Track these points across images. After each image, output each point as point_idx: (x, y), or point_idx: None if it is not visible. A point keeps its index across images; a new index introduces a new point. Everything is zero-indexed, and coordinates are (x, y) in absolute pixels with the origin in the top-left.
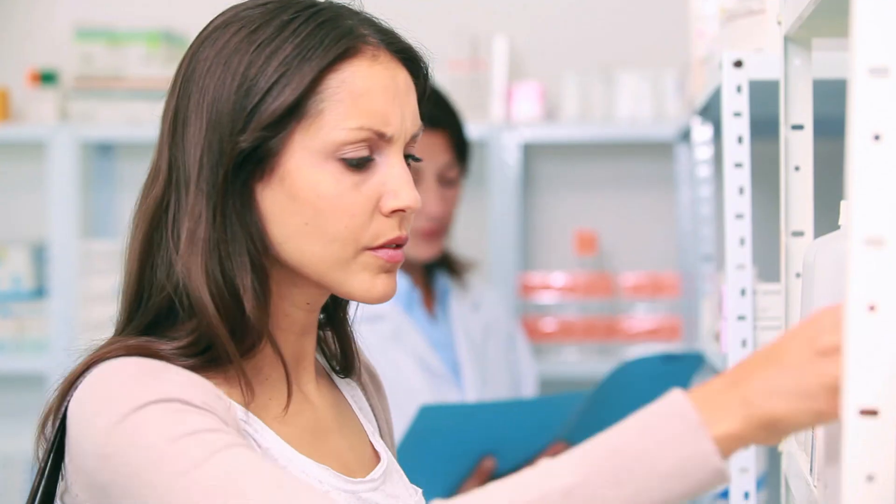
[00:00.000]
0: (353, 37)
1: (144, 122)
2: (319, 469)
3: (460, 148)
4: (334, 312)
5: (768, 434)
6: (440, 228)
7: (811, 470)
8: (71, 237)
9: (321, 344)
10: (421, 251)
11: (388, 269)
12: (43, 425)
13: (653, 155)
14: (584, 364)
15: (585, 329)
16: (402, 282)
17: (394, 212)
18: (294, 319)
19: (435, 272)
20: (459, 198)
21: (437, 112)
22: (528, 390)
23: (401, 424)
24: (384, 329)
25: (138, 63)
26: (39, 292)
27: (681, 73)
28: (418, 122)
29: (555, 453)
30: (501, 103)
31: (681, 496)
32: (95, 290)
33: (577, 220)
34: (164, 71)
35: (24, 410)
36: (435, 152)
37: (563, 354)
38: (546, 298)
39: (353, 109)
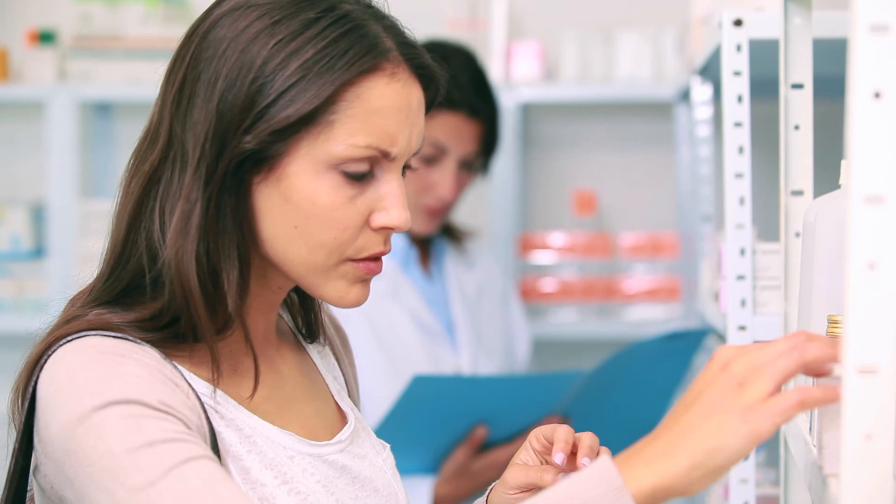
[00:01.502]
0: (377, 52)
1: (143, 82)
2: (283, 435)
3: (489, 144)
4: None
5: (702, 475)
6: (445, 210)
7: (810, 430)
8: (70, 197)
9: (289, 306)
10: (422, 226)
11: (364, 280)
12: (17, 395)
13: (652, 115)
14: (583, 324)
15: (584, 289)
16: (400, 240)
17: (382, 228)
18: (264, 300)
19: None
20: (470, 185)
21: (480, 104)
22: (521, 352)
23: (394, 382)
24: (380, 286)
25: (136, 23)
26: (38, 252)
27: (680, 33)
28: (421, 142)
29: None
30: (500, 63)
31: None
32: (94, 250)
33: (577, 180)
34: (162, 31)
35: None
36: (465, 139)
37: (562, 315)
38: (545, 259)
39: (364, 127)
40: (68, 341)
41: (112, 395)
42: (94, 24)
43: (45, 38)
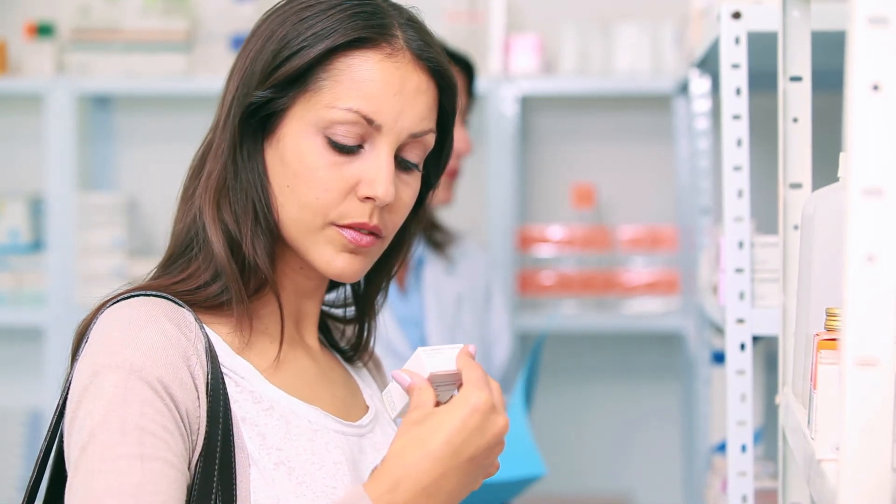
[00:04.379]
0: (375, 30)
1: (142, 75)
2: (309, 409)
3: (471, 98)
4: (363, 308)
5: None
6: (458, 169)
7: (808, 422)
8: (68, 190)
9: (330, 328)
10: (440, 195)
11: (353, 251)
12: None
13: (651, 108)
14: (582, 318)
15: (583, 282)
16: None
17: (367, 198)
18: (293, 281)
19: None
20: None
21: (457, 59)
22: (500, 357)
23: None
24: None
25: (135, 15)
26: (37, 245)
27: (679, 25)
28: (421, 126)
29: None
30: (499, 56)
31: None
32: (93, 243)
33: (575, 173)
34: (160, 23)
35: (21, 363)
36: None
37: (561, 308)
38: (544, 252)
39: (349, 92)
40: (116, 302)
41: (120, 359)
42: (92, 17)
43: (43, 30)
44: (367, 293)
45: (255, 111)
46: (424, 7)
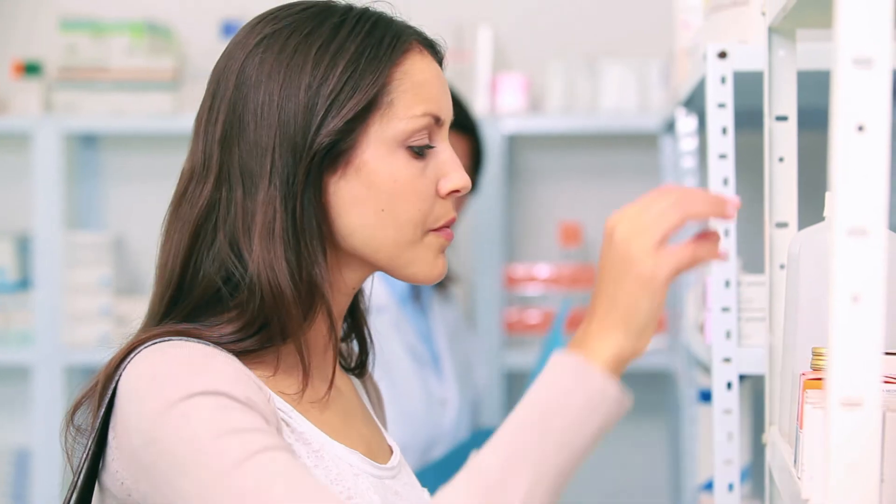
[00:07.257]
0: (406, 35)
1: (128, 113)
2: (350, 454)
3: (477, 159)
4: (356, 316)
5: (640, 338)
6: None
7: (795, 462)
8: (55, 228)
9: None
10: None
11: (444, 248)
12: (72, 415)
13: (637, 146)
14: None
15: (570, 321)
16: None
17: (450, 193)
18: (337, 304)
19: None
20: (466, 207)
21: (464, 118)
22: (482, 376)
23: (392, 411)
24: (386, 320)
25: (122, 54)
26: (24, 284)
27: (665, 64)
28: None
29: None
30: (486, 94)
31: (597, 432)
32: (80, 282)
33: (562, 211)
34: (147, 62)
35: (8, 403)
36: (458, 155)
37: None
38: (531, 290)
39: (417, 97)
40: (151, 344)
41: (199, 387)
42: (79, 56)
43: (30, 69)
44: (356, 298)
45: (325, 153)
46: None
